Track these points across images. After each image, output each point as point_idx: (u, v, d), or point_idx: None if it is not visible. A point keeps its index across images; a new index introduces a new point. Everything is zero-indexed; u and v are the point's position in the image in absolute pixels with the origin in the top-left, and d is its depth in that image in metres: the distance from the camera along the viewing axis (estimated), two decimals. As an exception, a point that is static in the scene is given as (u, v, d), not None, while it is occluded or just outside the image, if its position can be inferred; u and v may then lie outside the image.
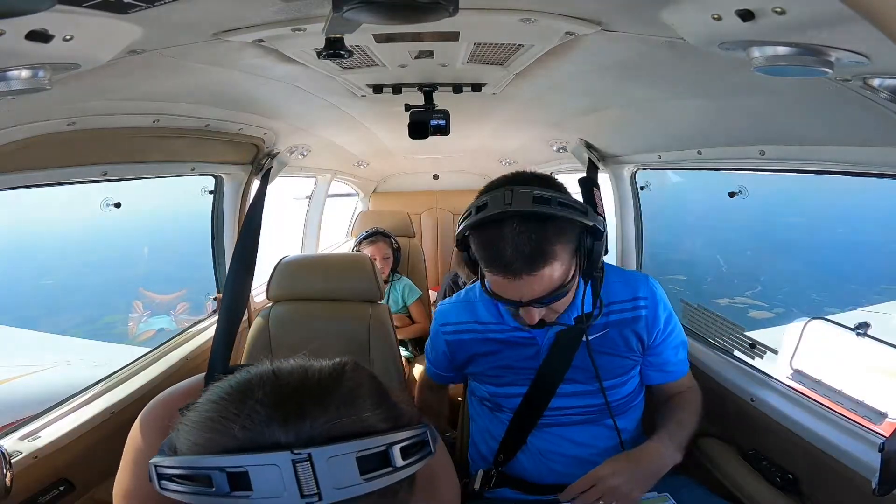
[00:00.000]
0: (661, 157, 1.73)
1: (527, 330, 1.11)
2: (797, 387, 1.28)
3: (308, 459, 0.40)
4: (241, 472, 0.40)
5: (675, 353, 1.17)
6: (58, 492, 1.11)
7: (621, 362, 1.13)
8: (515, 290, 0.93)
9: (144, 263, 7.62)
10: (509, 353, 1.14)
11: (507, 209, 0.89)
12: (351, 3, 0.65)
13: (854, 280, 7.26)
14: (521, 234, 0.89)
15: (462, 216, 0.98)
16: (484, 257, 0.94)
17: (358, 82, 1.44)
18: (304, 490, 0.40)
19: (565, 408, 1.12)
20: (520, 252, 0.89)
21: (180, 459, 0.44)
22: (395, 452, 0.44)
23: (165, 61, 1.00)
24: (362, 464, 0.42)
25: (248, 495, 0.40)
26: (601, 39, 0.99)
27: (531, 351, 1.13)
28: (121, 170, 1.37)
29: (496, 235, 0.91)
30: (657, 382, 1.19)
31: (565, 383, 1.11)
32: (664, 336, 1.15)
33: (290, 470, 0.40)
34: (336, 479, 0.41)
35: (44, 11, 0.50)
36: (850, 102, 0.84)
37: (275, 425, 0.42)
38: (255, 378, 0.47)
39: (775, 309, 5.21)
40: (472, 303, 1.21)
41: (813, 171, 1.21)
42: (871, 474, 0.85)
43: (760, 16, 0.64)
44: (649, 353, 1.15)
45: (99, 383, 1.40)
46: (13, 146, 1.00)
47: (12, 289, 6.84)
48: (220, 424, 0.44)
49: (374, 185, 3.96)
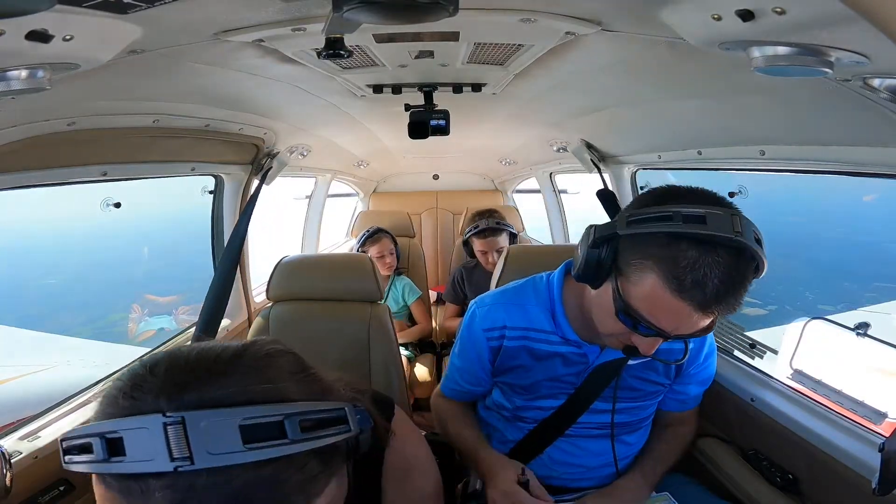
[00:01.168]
0: (661, 157, 1.73)
1: (578, 346, 1.05)
2: (797, 387, 1.28)
3: (181, 423, 0.40)
4: (116, 438, 0.41)
5: (699, 387, 1.16)
6: (58, 492, 1.11)
7: (653, 388, 1.11)
8: (682, 322, 0.78)
9: (145, 263, 7.61)
10: (557, 367, 1.06)
11: (737, 239, 0.73)
12: (351, 3, 0.65)
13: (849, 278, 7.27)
14: (731, 272, 0.74)
15: (648, 217, 0.78)
16: (675, 280, 0.75)
17: (358, 82, 1.44)
18: (174, 453, 0.39)
19: (589, 422, 1.11)
20: (724, 288, 0.74)
21: (69, 432, 0.45)
22: (292, 424, 0.43)
23: (165, 61, 1.00)
24: (247, 432, 0.41)
25: (122, 460, 0.40)
26: (601, 39, 0.99)
27: (579, 368, 1.06)
28: (121, 170, 1.37)
29: (704, 260, 0.73)
30: (670, 410, 1.18)
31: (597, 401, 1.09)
32: (697, 370, 1.13)
33: (161, 432, 0.40)
34: (212, 444, 0.40)
35: (44, 11, 0.50)
36: (850, 102, 0.84)
37: (161, 394, 0.43)
38: (162, 354, 0.47)
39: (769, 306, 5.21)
40: (525, 306, 1.08)
41: (813, 171, 1.21)
42: (871, 474, 0.85)
43: (760, 16, 0.64)
44: (677, 382, 1.14)
45: (99, 383, 1.40)
46: (13, 146, 1.00)
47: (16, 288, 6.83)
48: (111, 396, 0.45)
49: (374, 185, 3.96)
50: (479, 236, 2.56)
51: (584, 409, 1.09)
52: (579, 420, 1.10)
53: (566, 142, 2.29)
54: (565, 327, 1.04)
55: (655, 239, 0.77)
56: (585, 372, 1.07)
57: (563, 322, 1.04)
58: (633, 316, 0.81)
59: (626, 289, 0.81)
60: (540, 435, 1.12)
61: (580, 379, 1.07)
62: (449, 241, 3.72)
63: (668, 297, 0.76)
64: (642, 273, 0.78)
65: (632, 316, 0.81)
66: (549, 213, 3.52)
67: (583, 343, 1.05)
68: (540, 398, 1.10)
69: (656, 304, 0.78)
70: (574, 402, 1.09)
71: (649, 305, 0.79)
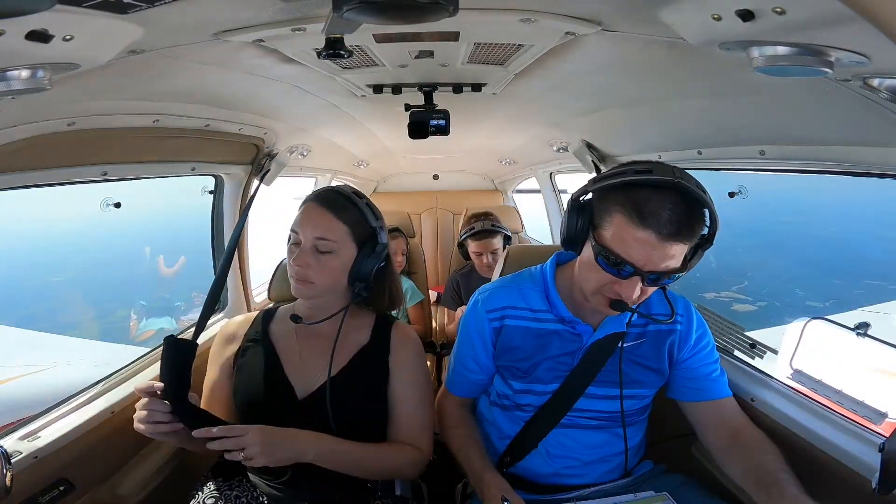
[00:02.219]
0: (661, 157, 1.73)
1: (573, 325, 1.11)
2: (797, 387, 1.28)
3: None
4: None
5: (708, 369, 1.15)
6: (58, 492, 1.11)
7: (646, 374, 1.13)
8: (649, 252, 0.91)
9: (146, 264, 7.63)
10: (553, 347, 1.12)
11: (678, 180, 0.91)
12: (351, 3, 0.65)
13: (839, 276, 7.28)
14: (680, 206, 0.90)
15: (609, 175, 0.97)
16: (636, 212, 0.91)
17: (358, 82, 1.44)
18: None
19: (585, 409, 1.12)
20: (676, 218, 0.90)
21: None
22: None
23: (165, 61, 1.00)
24: None
25: None
26: (601, 39, 0.99)
27: (573, 347, 1.12)
28: (121, 170, 1.37)
29: (656, 197, 0.91)
30: (691, 400, 1.15)
31: (592, 386, 1.11)
32: (693, 352, 1.14)
33: None
34: None
35: (44, 11, 0.50)
36: (850, 102, 0.84)
37: None
38: None
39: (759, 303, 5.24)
40: (522, 287, 1.17)
41: (813, 171, 1.21)
42: (871, 474, 0.85)
43: (760, 16, 0.64)
44: (678, 368, 1.15)
45: (99, 383, 1.40)
46: (13, 146, 1.00)
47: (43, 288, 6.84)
48: None
49: (374, 185, 3.96)
50: (475, 238, 2.64)
51: (580, 393, 1.11)
52: (576, 407, 1.11)
53: (566, 142, 2.29)
54: (559, 306, 1.12)
55: (615, 190, 0.95)
56: (580, 351, 1.11)
57: (557, 301, 1.13)
58: (609, 255, 0.95)
59: (601, 235, 0.97)
60: (536, 424, 1.13)
61: (575, 359, 1.11)
62: (449, 241, 3.72)
63: (633, 230, 0.91)
64: (610, 218, 0.95)
65: (607, 256, 0.95)
66: (549, 213, 3.53)
67: (576, 322, 1.11)
68: (537, 381, 1.12)
69: (625, 239, 0.93)
70: (570, 385, 1.11)
71: (620, 241, 0.93)
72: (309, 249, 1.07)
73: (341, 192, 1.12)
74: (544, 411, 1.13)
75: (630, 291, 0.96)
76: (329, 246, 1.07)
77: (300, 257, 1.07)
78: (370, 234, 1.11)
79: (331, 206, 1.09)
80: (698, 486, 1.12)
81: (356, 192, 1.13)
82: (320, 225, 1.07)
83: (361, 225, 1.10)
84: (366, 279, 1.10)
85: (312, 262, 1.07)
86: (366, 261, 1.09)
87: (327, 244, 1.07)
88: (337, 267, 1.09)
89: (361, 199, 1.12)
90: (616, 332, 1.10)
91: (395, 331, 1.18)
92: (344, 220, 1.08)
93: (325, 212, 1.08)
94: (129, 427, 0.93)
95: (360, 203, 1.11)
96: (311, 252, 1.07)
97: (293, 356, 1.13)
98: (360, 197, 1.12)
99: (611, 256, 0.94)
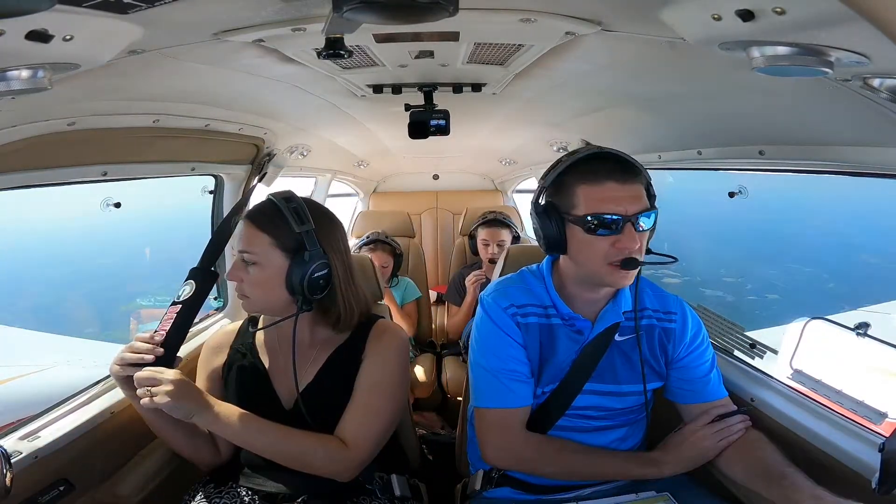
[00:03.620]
0: (661, 157, 1.73)
1: (574, 322, 1.12)
2: (797, 387, 1.28)
3: None
4: None
5: (703, 370, 1.15)
6: (58, 492, 1.11)
7: (639, 371, 1.12)
8: (619, 198, 1.01)
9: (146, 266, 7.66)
10: (561, 343, 1.12)
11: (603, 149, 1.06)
12: (351, 3, 0.65)
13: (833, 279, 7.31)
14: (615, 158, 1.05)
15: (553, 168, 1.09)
16: (592, 175, 1.03)
17: (358, 82, 1.44)
18: None
19: (585, 407, 1.12)
20: (620, 166, 1.03)
21: None
22: None
23: (165, 61, 1.00)
24: None
25: None
26: (601, 39, 0.99)
27: (577, 342, 1.12)
28: (121, 170, 1.37)
29: (597, 161, 1.05)
30: (687, 402, 1.15)
31: (589, 382, 1.12)
32: (689, 350, 1.15)
33: None
34: None
35: (44, 11, 0.50)
36: (850, 102, 0.84)
37: None
38: None
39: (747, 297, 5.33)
40: (525, 284, 1.17)
41: (813, 171, 1.21)
42: (871, 474, 0.85)
43: (760, 16, 0.64)
44: (674, 368, 1.15)
45: (99, 383, 1.40)
46: (13, 146, 0.99)
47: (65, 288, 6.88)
48: None
49: (374, 185, 3.96)
50: (486, 226, 2.70)
51: (578, 390, 1.11)
52: (575, 405, 1.11)
53: (566, 142, 2.29)
54: (559, 303, 1.14)
55: (568, 172, 1.05)
56: (581, 347, 1.12)
57: (557, 298, 1.14)
58: (595, 220, 1.01)
59: (575, 212, 1.03)
60: (535, 425, 1.12)
61: (576, 356, 1.12)
62: (449, 241, 3.72)
63: (599, 189, 1.01)
64: (576, 194, 1.03)
65: (594, 221, 1.01)
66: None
67: (576, 318, 1.12)
68: (539, 383, 1.12)
69: (596, 198, 1.01)
70: (569, 382, 1.11)
71: (595, 204, 1.01)
72: (239, 264, 1.09)
73: (273, 200, 1.09)
74: (540, 412, 1.13)
75: (630, 241, 1.00)
76: (252, 258, 1.07)
77: (231, 272, 1.10)
78: (299, 242, 1.06)
79: (254, 219, 1.09)
80: (699, 486, 1.12)
81: (288, 198, 1.10)
82: (245, 238, 1.08)
83: (286, 234, 1.06)
84: (301, 289, 1.05)
85: (244, 276, 1.08)
86: (295, 270, 1.05)
87: (251, 257, 1.07)
88: (265, 279, 1.07)
89: (291, 203, 1.08)
90: (615, 322, 1.11)
91: (375, 327, 1.18)
92: (267, 232, 1.07)
93: (250, 225, 1.09)
94: (129, 427, 0.93)
95: (287, 211, 1.06)
96: (241, 267, 1.09)
97: (279, 363, 1.15)
98: (290, 202, 1.08)
99: (596, 220, 1.01)
